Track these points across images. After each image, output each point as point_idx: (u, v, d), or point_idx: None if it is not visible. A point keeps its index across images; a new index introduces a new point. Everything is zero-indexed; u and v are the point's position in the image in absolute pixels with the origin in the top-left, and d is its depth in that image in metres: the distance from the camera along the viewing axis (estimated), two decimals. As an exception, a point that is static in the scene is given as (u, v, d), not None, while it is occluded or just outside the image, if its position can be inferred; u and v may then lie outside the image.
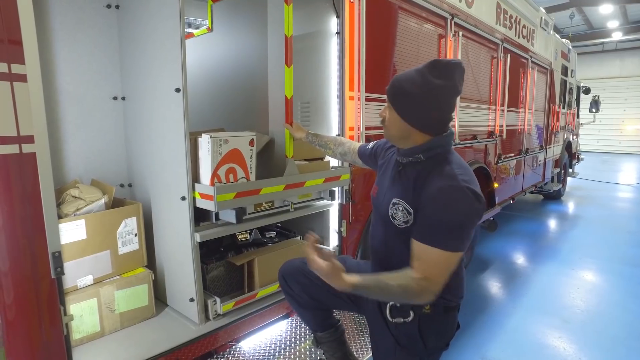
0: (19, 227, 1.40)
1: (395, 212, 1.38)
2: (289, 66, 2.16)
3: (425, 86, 1.28)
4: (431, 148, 1.35)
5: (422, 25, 3.18)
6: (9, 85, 1.32)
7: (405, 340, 1.44)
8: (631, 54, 18.17)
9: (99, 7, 2.17)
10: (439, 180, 1.27)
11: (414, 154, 1.38)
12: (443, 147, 1.37)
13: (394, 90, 1.36)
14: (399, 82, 1.35)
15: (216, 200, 1.82)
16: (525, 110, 5.55)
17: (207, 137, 1.85)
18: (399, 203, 1.37)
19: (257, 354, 2.09)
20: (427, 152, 1.36)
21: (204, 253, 2.23)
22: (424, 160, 1.36)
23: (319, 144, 2.14)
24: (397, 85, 1.35)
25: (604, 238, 5.75)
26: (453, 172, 1.28)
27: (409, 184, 1.37)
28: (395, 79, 1.38)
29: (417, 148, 1.37)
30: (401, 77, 1.36)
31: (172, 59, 1.83)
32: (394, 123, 1.39)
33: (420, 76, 1.29)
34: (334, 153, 2.10)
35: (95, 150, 2.23)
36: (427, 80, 1.27)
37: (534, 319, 3.35)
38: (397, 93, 1.35)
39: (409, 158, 1.40)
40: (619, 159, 16.87)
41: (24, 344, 1.46)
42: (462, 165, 1.36)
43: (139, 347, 1.84)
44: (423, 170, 1.35)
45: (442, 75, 1.27)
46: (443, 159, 1.35)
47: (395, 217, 1.38)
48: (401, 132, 1.38)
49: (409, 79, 1.32)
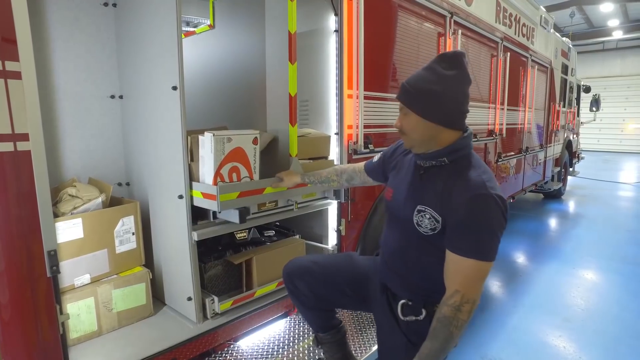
0: (14, 226, 1.39)
1: (422, 220, 1.35)
2: (293, 63, 2.13)
3: (441, 80, 1.27)
4: (455, 150, 1.33)
5: (421, 24, 3.17)
6: (2, 83, 1.31)
7: (416, 338, 1.41)
8: (632, 52, 18.15)
9: (96, 5, 2.17)
10: (468, 189, 1.25)
11: (438, 157, 1.34)
12: (466, 147, 1.35)
13: (410, 93, 1.33)
14: (413, 84, 1.32)
15: (219, 200, 1.78)
16: (525, 108, 5.53)
17: (210, 135, 1.80)
18: (426, 210, 1.33)
19: (256, 353, 2.08)
20: (451, 155, 1.33)
21: (202, 252, 2.22)
22: (448, 163, 1.34)
23: (319, 181, 1.99)
24: (412, 87, 1.32)
25: (604, 237, 5.74)
26: (481, 178, 1.27)
27: (435, 190, 1.33)
28: (407, 83, 1.34)
29: (442, 151, 1.33)
30: (412, 79, 1.34)
31: (170, 56, 1.82)
32: (416, 127, 1.33)
33: (432, 72, 1.29)
34: (339, 184, 1.97)
35: (92, 148, 2.22)
36: (441, 74, 1.27)
37: (534, 318, 3.34)
38: (414, 95, 1.31)
39: (432, 162, 1.36)
40: (620, 157, 16.84)
41: (19, 343, 1.46)
42: (486, 169, 1.33)
43: (136, 346, 1.84)
44: (449, 176, 1.32)
45: (453, 66, 1.27)
46: (467, 162, 1.33)
47: (422, 225, 1.35)
48: (426, 134, 1.33)
49: (421, 78, 1.31)
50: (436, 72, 1.28)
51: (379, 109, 2.81)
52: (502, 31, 4.56)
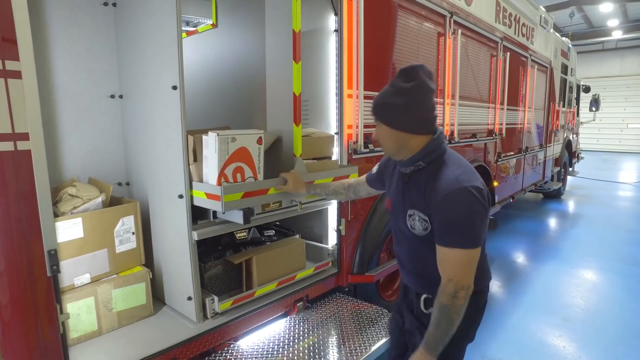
0: (14, 225, 1.39)
1: (413, 223, 1.47)
2: (298, 62, 2.11)
3: (400, 92, 1.40)
4: (428, 153, 1.44)
5: (421, 23, 3.17)
6: (3, 82, 1.31)
7: None
8: (631, 52, 18.16)
9: (96, 5, 2.16)
10: (442, 186, 1.37)
11: (415, 162, 1.46)
12: (438, 149, 1.45)
13: (377, 107, 1.48)
14: (379, 99, 1.48)
15: (223, 201, 1.75)
16: (525, 108, 5.54)
17: (214, 135, 1.78)
18: (414, 214, 1.46)
19: (255, 352, 2.08)
20: (426, 158, 1.44)
21: (202, 251, 2.23)
22: (425, 166, 1.45)
23: (326, 193, 2.06)
24: (378, 102, 1.47)
25: (604, 237, 5.74)
26: (454, 174, 1.38)
27: (418, 192, 1.45)
28: (375, 99, 1.50)
29: (415, 156, 1.45)
30: (379, 95, 1.49)
31: (170, 56, 1.82)
32: (387, 136, 1.47)
33: (393, 86, 1.44)
34: (346, 196, 2.06)
35: (92, 148, 2.22)
36: (400, 87, 1.40)
37: (534, 318, 3.34)
38: (380, 108, 1.47)
39: (411, 167, 1.49)
40: (620, 157, 16.86)
41: (20, 342, 1.46)
42: (461, 164, 1.44)
43: (136, 345, 1.84)
44: (428, 178, 1.43)
45: (410, 79, 1.40)
46: (442, 162, 1.44)
47: (415, 227, 1.47)
48: (396, 142, 1.46)
49: (384, 93, 1.46)
50: (396, 85, 1.42)
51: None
52: (501, 31, 4.56)
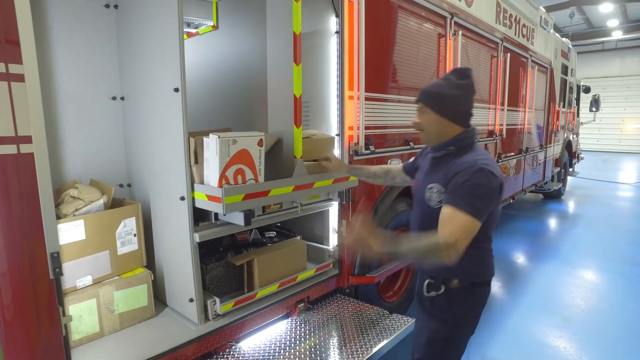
0: (17, 228, 1.39)
1: (431, 195, 1.63)
2: (298, 64, 2.12)
3: (454, 86, 1.62)
4: (460, 140, 1.63)
5: (421, 25, 3.17)
6: (6, 85, 1.31)
7: (437, 311, 1.68)
8: (631, 52, 18.16)
9: (98, 7, 2.17)
10: (463, 162, 1.54)
11: (447, 147, 1.64)
12: (469, 138, 1.65)
13: (430, 95, 1.66)
14: (432, 89, 1.67)
15: (224, 203, 1.76)
16: (525, 109, 5.54)
17: (215, 137, 1.79)
18: (434, 187, 1.63)
19: (257, 354, 2.08)
20: (457, 144, 1.63)
21: (203, 253, 2.22)
22: (455, 151, 1.63)
23: (366, 176, 2.26)
24: (431, 91, 1.67)
25: (604, 237, 5.74)
26: (475, 156, 1.56)
27: (442, 170, 1.62)
28: (427, 87, 1.69)
29: (449, 141, 1.64)
30: (431, 85, 1.69)
31: (171, 58, 1.82)
32: (431, 121, 1.65)
33: (447, 81, 1.65)
34: (385, 180, 2.21)
35: (94, 150, 2.22)
36: (454, 82, 1.63)
37: (534, 318, 3.35)
38: (433, 96, 1.65)
39: (442, 151, 1.67)
40: (619, 158, 16.86)
41: (22, 344, 1.46)
42: (486, 154, 1.62)
43: (138, 347, 1.84)
44: (454, 158, 1.60)
45: (463, 77, 1.64)
46: (469, 149, 1.63)
47: (431, 199, 1.63)
48: (438, 127, 1.65)
49: (438, 84, 1.67)
50: (450, 80, 1.63)
51: (380, 110, 2.82)
52: (502, 32, 4.57)
